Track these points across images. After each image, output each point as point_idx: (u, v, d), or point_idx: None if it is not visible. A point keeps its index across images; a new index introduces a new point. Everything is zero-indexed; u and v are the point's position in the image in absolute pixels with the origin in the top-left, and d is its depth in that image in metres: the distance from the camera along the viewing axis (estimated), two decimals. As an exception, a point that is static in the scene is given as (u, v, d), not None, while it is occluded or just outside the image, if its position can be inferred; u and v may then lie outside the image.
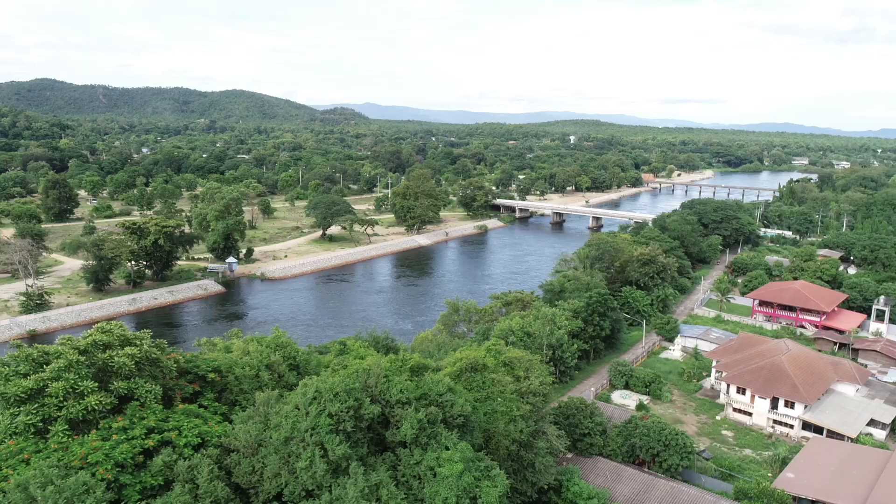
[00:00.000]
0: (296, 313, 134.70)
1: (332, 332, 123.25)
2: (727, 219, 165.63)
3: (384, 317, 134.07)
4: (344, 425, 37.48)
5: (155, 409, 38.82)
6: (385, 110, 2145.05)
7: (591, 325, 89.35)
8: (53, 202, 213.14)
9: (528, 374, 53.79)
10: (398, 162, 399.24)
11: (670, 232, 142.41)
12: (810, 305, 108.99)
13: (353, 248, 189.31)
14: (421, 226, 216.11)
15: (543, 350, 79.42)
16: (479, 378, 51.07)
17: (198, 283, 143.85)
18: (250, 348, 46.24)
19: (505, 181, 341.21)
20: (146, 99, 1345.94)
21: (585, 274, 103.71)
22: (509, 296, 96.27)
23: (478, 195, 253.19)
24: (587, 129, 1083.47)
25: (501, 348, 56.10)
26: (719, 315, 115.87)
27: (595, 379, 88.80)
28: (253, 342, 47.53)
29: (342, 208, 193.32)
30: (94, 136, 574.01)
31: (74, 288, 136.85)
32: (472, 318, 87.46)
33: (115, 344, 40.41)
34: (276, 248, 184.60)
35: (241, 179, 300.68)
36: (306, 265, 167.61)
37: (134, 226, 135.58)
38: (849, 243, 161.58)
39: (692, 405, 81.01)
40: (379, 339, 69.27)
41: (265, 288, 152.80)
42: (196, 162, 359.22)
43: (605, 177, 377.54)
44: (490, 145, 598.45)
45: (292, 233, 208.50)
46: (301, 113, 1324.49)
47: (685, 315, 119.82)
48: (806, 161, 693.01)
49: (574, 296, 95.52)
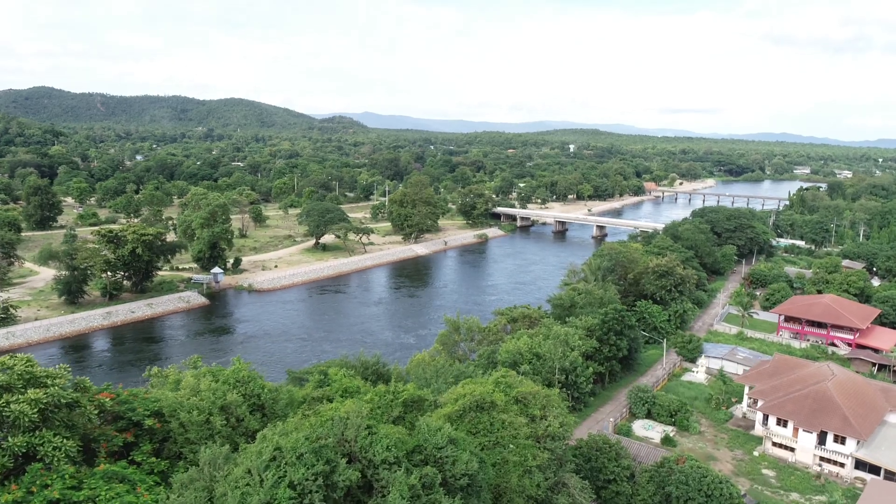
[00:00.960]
0: (288, 327, 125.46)
1: (328, 346, 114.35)
2: (741, 227, 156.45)
3: (384, 330, 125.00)
4: (311, 498, 28.19)
5: (64, 471, 29.49)
6: (384, 119, 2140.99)
7: (606, 345, 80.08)
8: (35, 209, 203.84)
9: (546, 412, 44.52)
10: (396, 169, 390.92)
11: (683, 241, 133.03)
12: (843, 322, 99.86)
13: (348, 258, 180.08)
14: (419, 234, 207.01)
15: (556, 374, 70.16)
16: (486, 419, 41.82)
17: (179, 296, 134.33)
18: (202, 385, 36.96)
19: (505, 189, 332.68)
20: (144, 107, 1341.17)
21: (598, 287, 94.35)
22: (515, 311, 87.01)
23: (477, 203, 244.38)
24: (586, 138, 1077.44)
25: (512, 380, 46.83)
26: (741, 332, 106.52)
27: (612, 406, 79.42)
28: (206, 377, 38.16)
29: (336, 216, 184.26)
30: (87, 143, 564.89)
31: (46, 300, 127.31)
32: (475, 337, 78.24)
33: (15, 385, 31.07)
34: (266, 258, 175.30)
35: (235, 186, 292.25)
36: (297, 276, 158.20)
37: (110, 233, 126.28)
38: (870, 254, 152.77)
39: (724, 437, 71.60)
40: (368, 365, 60.03)
41: (253, 300, 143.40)
42: (189, 169, 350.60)
43: (607, 185, 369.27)
44: (489, 153, 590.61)
45: (284, 241, 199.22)
46: (299, 121, 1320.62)
47: (704, 331, 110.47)
48: (807, 170, 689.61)
49: (586, 311, 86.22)
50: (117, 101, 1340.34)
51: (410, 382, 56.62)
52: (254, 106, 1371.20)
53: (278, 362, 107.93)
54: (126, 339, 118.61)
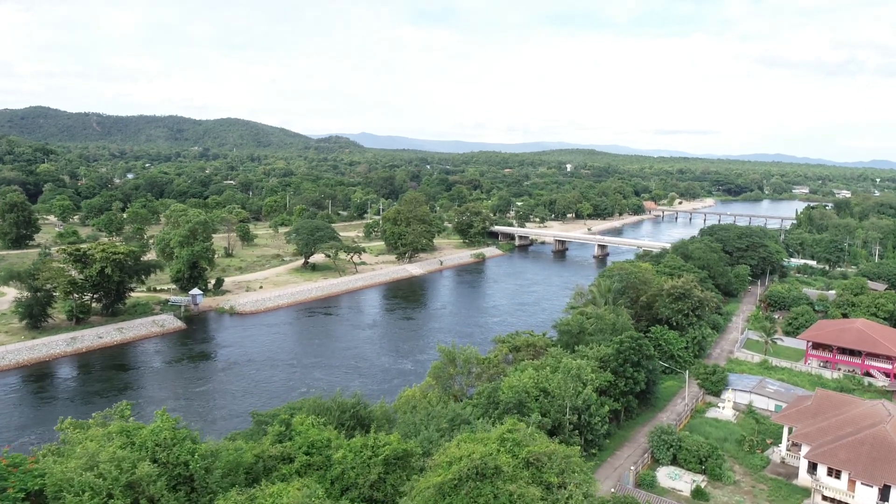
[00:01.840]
0: (275, 352, 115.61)
1: (319, 373, 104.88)
2: (753, 246, 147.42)
3: (379, 355, 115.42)
4: None
5: None
6: (381, 140, 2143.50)
7: (622, 379, 70.38)
8: (10, 227, 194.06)
9: (564, 479, 34.83)
10: (391, 188, 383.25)
11: (695, 260, 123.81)
12: (879, 349, 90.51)
13: (338, 279, 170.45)
14: (413, 254, 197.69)
15: (567, 414, 60.43)
16: (488, 491, 32.15)
17: (153, 319, 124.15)
18: (103, 454, 27.08)
19: (502, 208, 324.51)
20: (140, 127, 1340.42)
21: (609, 310, 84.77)
22: (518, 339, 77.34)
23: (474, 221, 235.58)
24: (583, 157, 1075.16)
25: (521, 436, 37.18)
26: (766, 360, 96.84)
27: (630, 448, 69.48)
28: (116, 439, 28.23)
29: (326, 234, 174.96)
30: (78, 161, 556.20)
31: (7, 324, 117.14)
32: (472, 370, 68.50)
33: None
34: (251, 278, 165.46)
35: (225, 204, 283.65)
36: (283, 297, 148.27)
37: (77, 252, 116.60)
38: (892, 273, 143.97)
39: (763, 489, 61.64)
40: (346, 408, 50.17)
41: (235, 324, 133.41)
42: (180, 187, 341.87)
43: (607, 203, 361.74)
44: (486, 172, 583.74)
45: (272, 261, 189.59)
46: (295, 141, 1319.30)
47: (724, 359, 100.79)
48: (806, 190, 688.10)
49: (597, 339, 76.61)
50: (113, 120, 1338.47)
51: (395, 431, 46.85)
52: (250, 126, 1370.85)
53: (263, 391, 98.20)
54: (93, 367, 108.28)
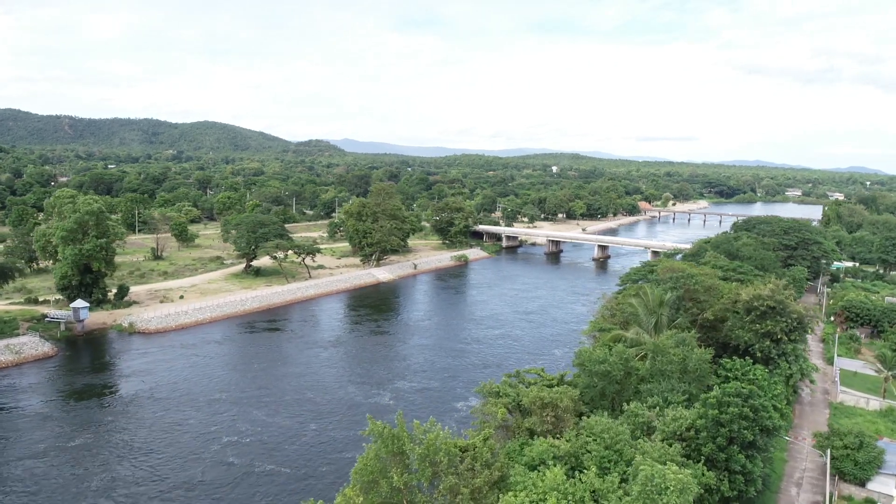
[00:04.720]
0: (193, 384, 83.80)
1: (258, 411, 74.11)
2: (804, 243, 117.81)
3: (345, 384, 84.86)
4: None
5: None
6: (363, 145, 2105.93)
7: (726, 474, 38.38)
8: None
9: None
10: (366, 188, 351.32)
11: (748, 260, 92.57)
12: None
13: (286, 285, 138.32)
14: (381, 255, 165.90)
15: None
16: None
17: (7, 343, 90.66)
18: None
19: (487, 206, 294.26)
20: (114, 130, 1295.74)
21: (671, 337, 52.52)
22: (516, 389, 45.73)
23: (456, 219, 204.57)
24: (568, 161, 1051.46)
25: None
26: (891, 406, 65.86)
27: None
28: None
29: (271, 231, 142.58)
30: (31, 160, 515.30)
31: None
32: (440, 473, 35.62)
33: None
34: (174, 286, 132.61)
35: (174, 202, 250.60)
36: (206, 310, 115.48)
37: None
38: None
39: None
40: None
41: (139, 345, 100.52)
42: (130, 184, 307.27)
43: (601, 202, 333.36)
44: (469, 174, 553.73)
45: (209, 265, 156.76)
46: (274, 145, 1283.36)
47: (820, 405, 69.73)
48: (799, 192, 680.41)
49: (658, 385, 45.17)
50: (86, 123, 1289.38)
51: None
52: (227, 129, 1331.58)
53: (171, 443, 66.95)
54: None
